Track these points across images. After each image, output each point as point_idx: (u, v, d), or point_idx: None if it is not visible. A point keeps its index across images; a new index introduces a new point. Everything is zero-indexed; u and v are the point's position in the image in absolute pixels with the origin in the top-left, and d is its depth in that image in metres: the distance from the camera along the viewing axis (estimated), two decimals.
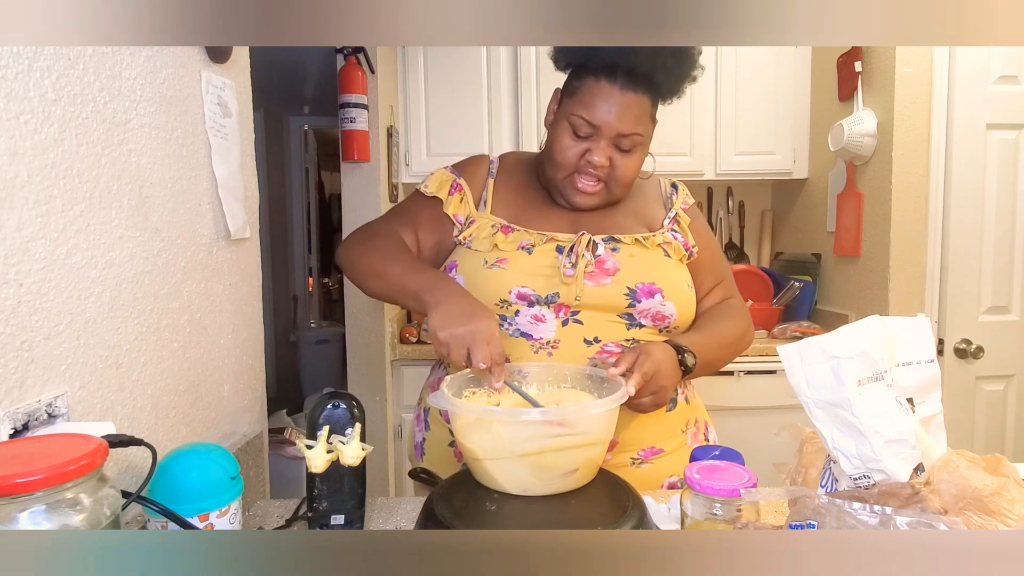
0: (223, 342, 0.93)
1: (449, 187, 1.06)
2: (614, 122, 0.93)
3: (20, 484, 0.45)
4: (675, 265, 1.01)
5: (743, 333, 1.08)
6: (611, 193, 1.00)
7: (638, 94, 0.94)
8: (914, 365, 0.70)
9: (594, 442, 0.75)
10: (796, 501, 0.62)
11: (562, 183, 0.99)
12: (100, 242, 0.67)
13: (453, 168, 1.10)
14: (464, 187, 1.06)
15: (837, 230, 2.27)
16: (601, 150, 0.95)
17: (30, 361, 0.58)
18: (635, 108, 0.94)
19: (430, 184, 1.08)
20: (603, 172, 0.97)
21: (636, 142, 0.96)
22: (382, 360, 2.17)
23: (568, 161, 0.97)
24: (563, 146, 0.97)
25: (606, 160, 0.96)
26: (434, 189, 1.07)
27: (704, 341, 0.99)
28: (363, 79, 2.02)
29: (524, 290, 0.95)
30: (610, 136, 0.94)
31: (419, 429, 1.10)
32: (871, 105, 2.08)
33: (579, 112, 0.94)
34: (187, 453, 0.69)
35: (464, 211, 1.04)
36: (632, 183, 1.02)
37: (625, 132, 0.94)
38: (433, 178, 1.08)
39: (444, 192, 1.06)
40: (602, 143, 0.95)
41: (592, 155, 0.95)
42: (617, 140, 0.95)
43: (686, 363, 0.94)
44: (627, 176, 0.98)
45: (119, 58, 0.70)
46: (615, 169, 0.97)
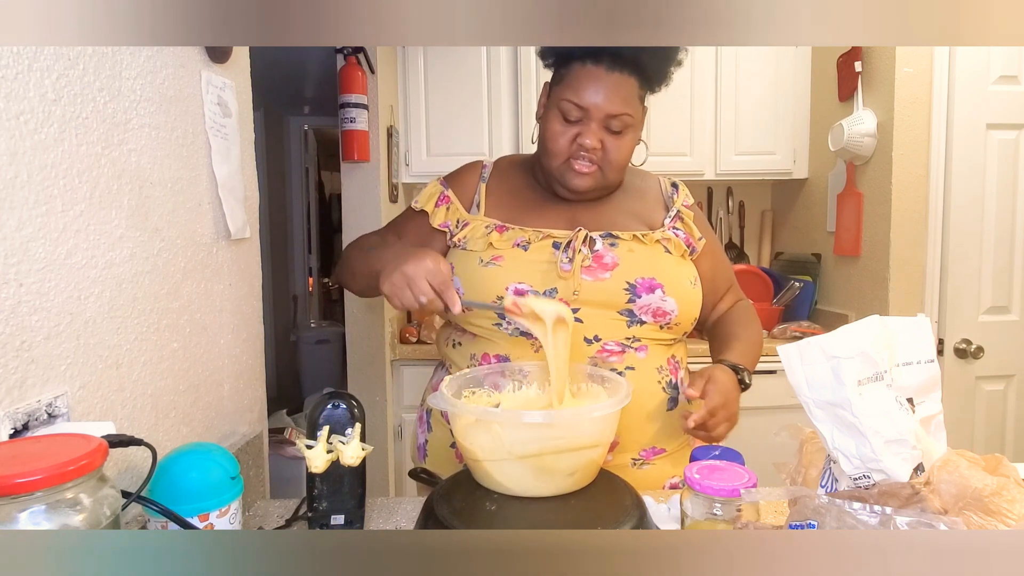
0: (223, 342, 0.93)
1: (436, 199, 1.08)
2: (602, 103, 0.94)
3: (20, 484, 0.45)
4: (676, 261, 1.01)
5: (761, 332, 1.13)
6: (606, 176, 1.00)
7: (624, 74, 0.95)
8: (914, 365, 0.70)
9: (594, 444, 0.75)
10: (796, 501, 0.62)
11: (558, 170, 1.00)
12: (100, 242, 0.67)
13: (443, 179, 1.11)
14: (451, 197, 1.07)
15: (837, 230, 2.27)
16: (592, 132, 0.96)
17: (30, 361, 0.58)
18: (623, 89, 0.95)
19: (420, 198, 1.10)
20: (596, 155, 0.97)
21: (626, 123, 0.97)
22: (382, 360, 2.17)
23: (561, 147, 0.98)
24: (554, 132, 0.98)
25: (598, 142, 0.96)
26: (423, 203, 1.09)
27: (749, 354, 1.04)
28: (363, 79, 2.02)
29: (521, 286, 0.95)
30: (599, 118, 0.95)
31: (422, 430, 1.10)
32: (871, 105, 2.08)
33: (567, 96, 0.95)
34: (187, 453, 0.69)
35: (452, 217, 1.06)
36: (625, 167, 1.03)
37: (614, 112, 0.95)
38: (424, 192, 1.11)
39: (431, 205, 1.08)
40: (592, 125, 0.96)
41: (583, 138, 0.96)
42: (607, 121, 0.96)
43: (745, 381, 0.97)
44: (620, 159, 0.99)
45: (119, 58, 0.70)
46: (607, 152, 0.98)
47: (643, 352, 0.98)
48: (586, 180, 0.99)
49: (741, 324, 1.10)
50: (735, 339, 1.06)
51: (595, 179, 1.00)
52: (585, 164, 0.98)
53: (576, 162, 0.98)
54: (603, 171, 0.99)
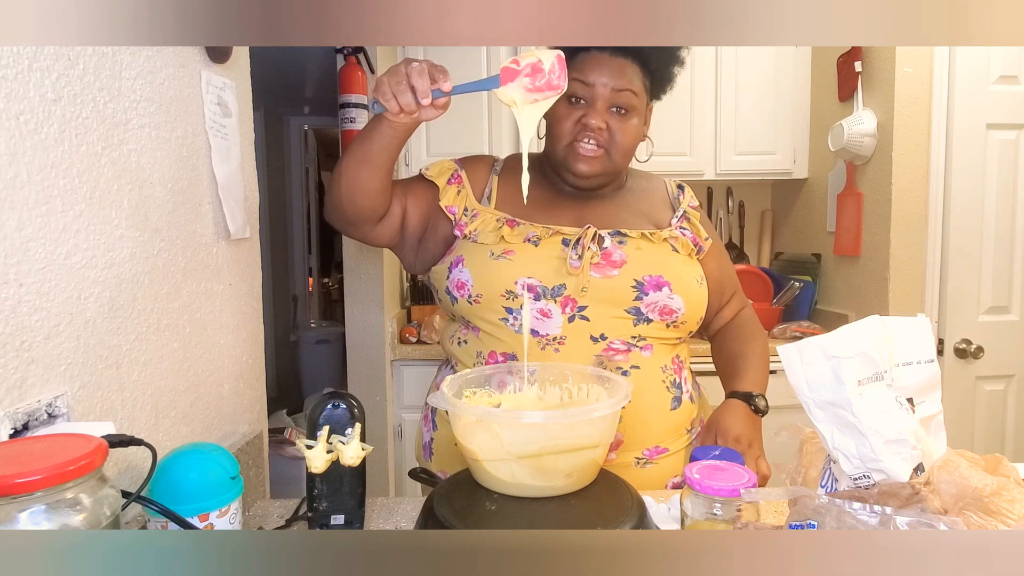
0: (223, 342, 0.93)
1: (449, 176, 1.06)
2: (607, 79, 0.96)
3: (20, 484, 0.45)
4: (683, 260, 1.02)
5: (767, 347, 1.12)
6: (612, 160, 1.00)
7: (628, 60, 0.97)
8: (914, 365, 0.70)
9: (595, 444, 0.75)
10: (796, 501, 0.62)
11: (564, 154, 1.00)
12: (100, 242, 0.67)
13: (457, 160, 1.10)
14: (464, 179, 1.06)
15: (837, 230, 2.27)
16: (597, 113, 0.97)
17: (30, 361, 0.58)
18: (627, 70, 0.97)
19: (432, 169, 1.08)
20: (602, 136, 0.98)
21: (631, 104, 0.98)
22: (382, 360, 2.17)
23: (566, 128, 0.98)
24: (560, 116, 0.98)
25: (603, 123, 0.97)
26: (434, 175, 1.07)
27: (759, 374, 1.05)
28: (363, 79, 2.02)
29: (530, 281, 0.95)
30: (605, 96, 0.97)
31: (427, 429, 1.10)
32: (871, 105, 2.08)
33: (572, 76, 0.95)
34: (187, 453, 0.69)
35: (461, 203, 1.04)
36: (632, 152, 1.03)
37: (619, 88, 0.96)
38: (436, 164, 1.09)
39: (443, 180, 1.06)
40: (597, 105, 0.97)
41: (588, 118, 0.97)
42: (612, 99, 0.97)
43: (758, 407, 0.98)
44: (626, 141, 0.99)
45: (119, 58, 0.70)
46: (613, 134, 0.98)
47: (648, 351, 0.98)
48: (593, 164, 0.99)
49: (746, 340, 1.10)
50: (743, 360, 1.07)
51: (602, 163, 1.00)
52: (591, 148, 0.98)
53: (581, 144, 0.98)
54: (609, 154, 0.99)
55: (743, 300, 1.18)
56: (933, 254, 2.00)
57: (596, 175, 1.00)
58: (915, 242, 2.00)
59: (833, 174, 2.29)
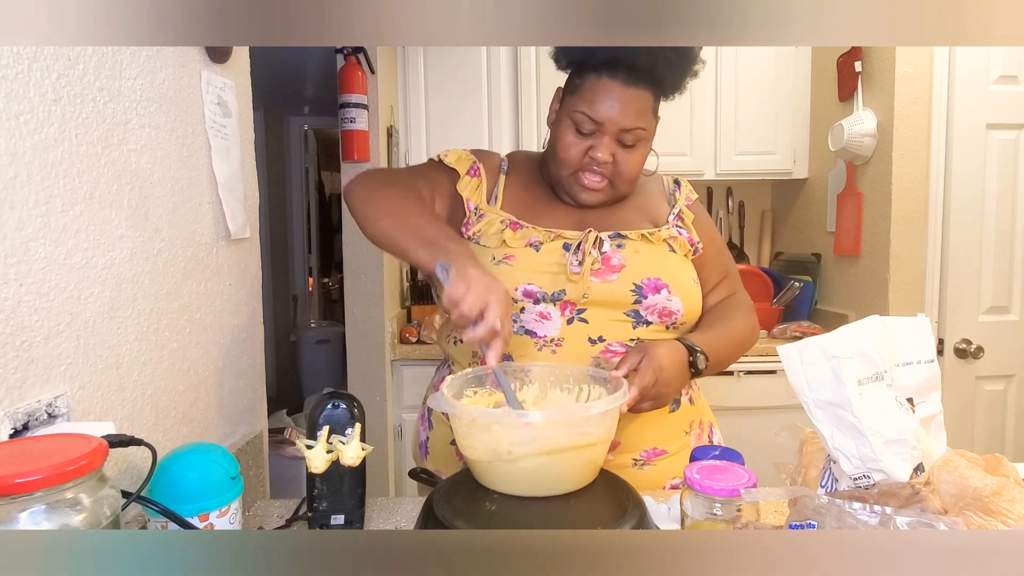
0: (223, 342, 0.93)
1: (468, 167, 1.06)
2: (617, 117, 0.93)
3: (20, 484, 0.45)
4: (680, 261, 1.02)
5: (751, 330, 1.08)
6: (616, 189, 1.00)
7: (640, 89, 0.94)
8: (914, 365, 0.70)
9: (594, 443, 0.75)
10: (796, 501, 0.62)
11: (567, 181, 1.00)
12: (100, 242, 0.67)
13: (473, 152, 1.09)
14: (482, 173, 1.05)
15: (837, 230, 2.27)
16: (604, 146, 0.95)
17: (30, 361, 0.58)
18: (637, 103, 0.94)
19: (449, 156, 1.07)
20: (607, 169, 0.97)
21: (639, 137, 0.96)
22: (382, 360, 2.17)
23: (572, 158, 0.97)
24: (567, 144, 0.97)
25: (609, 156, 0.96)
26: (453, 162, 1.06)
27: (714, 339, 0.98)
28: (363, 79, 2.02)
29: (531, 287, 0.95)
30: (613, 132, 0.95)
31: (423, 428, 1.10)
32: (871, 105, 2.08)
33: (581, 109, 0.95)
34: (187, 453, 0.69)
35: (476, 199, 1.04)
36: (636, 179, 1.02)
37: (628, 127, 0.94)
38: (452, 152, 1.07)
39: (463, 168, 1.05)
40: (605, 139, 0.95)
41: (595, 151, 0.95)
42: (620, 136, 0.95)
43: (697, 365, 0.93)
44: (631, 172, 0.99)
45: (119, 58, 0.70)
46: (619, 165, 0.97)
47: None
48: (595, 196, 0.99)
49: (721, 315, 1.06)
50: (707, 326, 1.02)
51: (604, 194, 1.00)
52: (595, 179, 0.98)
53: (585, 175, 0.98)
54: (613, 184, 0.99)
55: (734, 287, 1.13)
56: (933, 254, 2.00)
57: (598, 203, 1.01)
58: (915, 242, 2.00)
59: (833, 174, 2.29)
